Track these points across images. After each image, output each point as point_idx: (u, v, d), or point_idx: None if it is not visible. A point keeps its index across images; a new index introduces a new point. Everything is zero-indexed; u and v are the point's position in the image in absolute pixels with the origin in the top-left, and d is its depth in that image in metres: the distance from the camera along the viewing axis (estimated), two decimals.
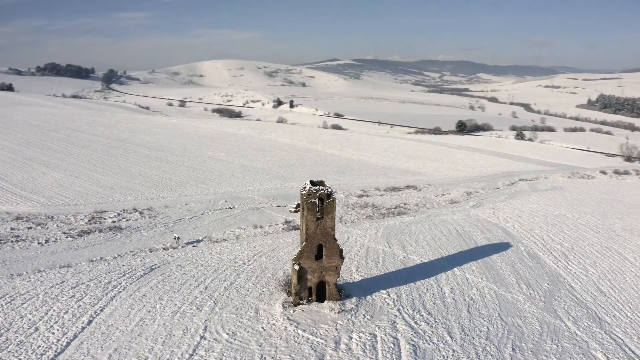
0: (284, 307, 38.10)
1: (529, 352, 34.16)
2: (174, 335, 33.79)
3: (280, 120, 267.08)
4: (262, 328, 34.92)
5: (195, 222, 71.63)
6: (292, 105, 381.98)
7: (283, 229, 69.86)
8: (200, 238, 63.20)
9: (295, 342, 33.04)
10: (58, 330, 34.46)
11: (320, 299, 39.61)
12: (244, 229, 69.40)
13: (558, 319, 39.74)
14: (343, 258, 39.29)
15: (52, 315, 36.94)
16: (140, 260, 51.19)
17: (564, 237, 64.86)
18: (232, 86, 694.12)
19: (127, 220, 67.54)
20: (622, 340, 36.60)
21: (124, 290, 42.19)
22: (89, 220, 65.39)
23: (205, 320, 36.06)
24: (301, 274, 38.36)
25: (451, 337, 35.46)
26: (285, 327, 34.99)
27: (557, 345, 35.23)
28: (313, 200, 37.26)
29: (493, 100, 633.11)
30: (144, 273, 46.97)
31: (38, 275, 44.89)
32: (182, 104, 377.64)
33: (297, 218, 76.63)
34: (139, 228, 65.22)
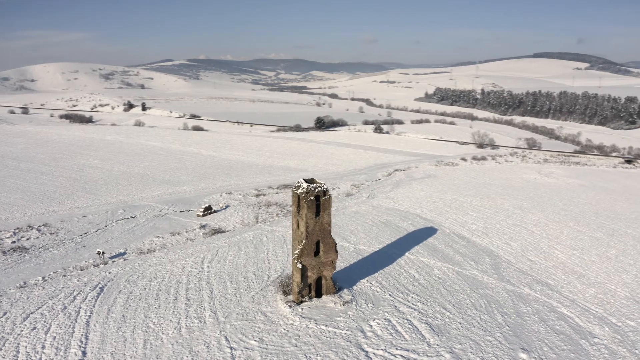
0: (289, 306, 39.06)
1: (514, 315, 40.65)
2: (198, 352, 32.84)
3: (138, 124, 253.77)
4: (284, 330, 35.71)
5: (104, 234, 66.87)
6: (144, 108, 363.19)
7: (204, 233, 68.98)
8: (122, 251, 59.97)
9: (326, 337, 34.66)
10: None
11: (317, 294, 41.34)
12: (162, 237, 67.26)
13: (516, 286, 47.38)
14: (337, 252, 41.50)
15: (27, 353, 32.89)
16: (78, 280, 47.05)
17: (473, 218, 74.89)
18: (67, 90, 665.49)
19: (27, 239, 60.50)
20: (571, 297, 45.27)
21: (93, 314, 38.89)
22: None
23: (220, 332, 35.52)
24: (303, 272, 39.65)
25: (449, 311, 40.39)
26: (306, 324, 36.28)
27: (531, 307, 42.40)
28: (311, 198, 38.78)
29: (334, 96, 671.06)
30: (97, 293, 43.51)
31: None
32: (25, 111, 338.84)
33: (209, 222, 75.93)
34: (46, 246, 58.86)
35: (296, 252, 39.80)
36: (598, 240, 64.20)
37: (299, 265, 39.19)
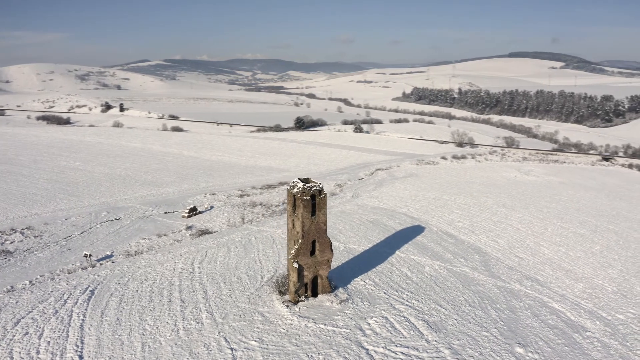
0: (287, 306, 39.22)
1: (507, 310, 41.56)
2: (198, 354, 32.77)
3: (117, 125, 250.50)
4: (284, 329, 35.87)
5: (89, 237, 65.97)
6: (122, 109, 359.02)
7: (191, 235, 68.59)
8: (109, 253, 59.25)
9: (326, 336, 34.94)
10: None
11: (313, 293, 41.56)
12: (149, 239, 66.69)
13: (506, 282, 48.37)
14: (332, 251, 41.79)
15: (21, 358, 32.34)
16: (67, 284, 46.42)
17: (458, 216, 76.02)
18: (42, 91, 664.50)
19: (11, 243, 59.52)
20: (561, 292, 46.46)
21: (87, 317, 38.42)
22: None
23: (219, 332, 35.49)
24: (299, 271, 39.83)
25: (444, 308, 41.09)
26: (305, 324, 36.49)
27: (523, 303, 43.40)
28: (307, 198, 38.99)
29: (311, 96, 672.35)
30: (88, 296, 42.97)
31: None
32: (1, 112, 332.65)
33: (195, 223, 75.48)
34: (30, 250, 57.88)
35: (292, 251, 39.97)
36: (582, 236, 65.90)
37: (296, 265, 39.38)
